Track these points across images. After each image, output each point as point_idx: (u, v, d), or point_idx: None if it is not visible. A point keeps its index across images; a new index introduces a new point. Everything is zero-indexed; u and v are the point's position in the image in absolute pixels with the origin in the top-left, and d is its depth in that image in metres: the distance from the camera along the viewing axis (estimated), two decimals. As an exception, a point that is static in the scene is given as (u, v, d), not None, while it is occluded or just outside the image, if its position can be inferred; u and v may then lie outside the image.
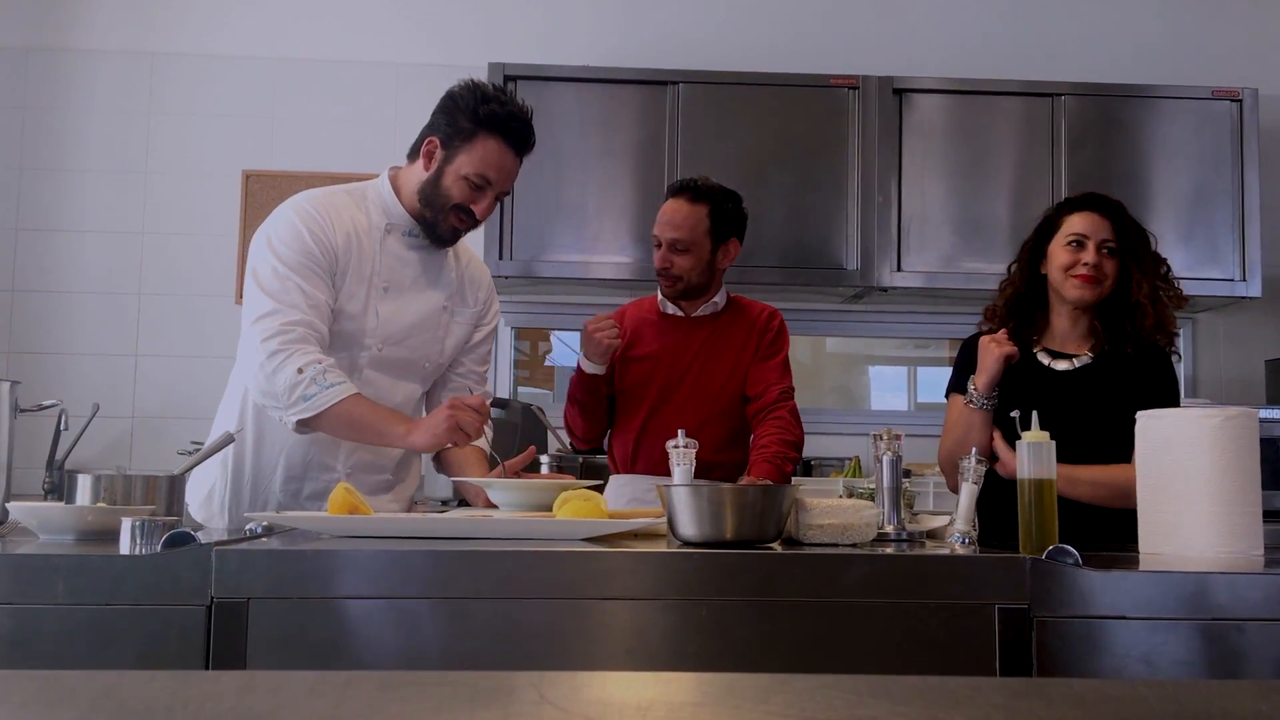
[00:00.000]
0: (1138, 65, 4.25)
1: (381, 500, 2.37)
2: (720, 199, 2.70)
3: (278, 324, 2.15)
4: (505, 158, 2.27)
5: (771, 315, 2.76)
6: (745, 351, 2.70)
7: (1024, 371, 2.43)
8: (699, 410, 2.66)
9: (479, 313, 2.48)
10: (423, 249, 2.37)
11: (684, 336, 2.73)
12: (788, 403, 2.66)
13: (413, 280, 2.35)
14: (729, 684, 0.81)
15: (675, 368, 2.70)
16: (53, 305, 4.09)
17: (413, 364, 2.37)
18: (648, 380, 2.71)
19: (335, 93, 4.22)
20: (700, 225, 2.66)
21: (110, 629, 1.47)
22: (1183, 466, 1.83)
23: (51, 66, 4.16)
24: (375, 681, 0.78)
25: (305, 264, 2.21)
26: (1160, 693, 0.82)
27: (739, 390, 2.69)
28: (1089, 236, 2.41)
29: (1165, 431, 1.87)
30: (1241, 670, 1.54)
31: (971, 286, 3.82)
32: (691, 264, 2.67)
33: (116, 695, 0.75)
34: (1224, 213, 3.94)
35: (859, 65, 4.06)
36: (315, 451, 2.30)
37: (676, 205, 2.69)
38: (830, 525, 1.72)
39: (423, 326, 2.36)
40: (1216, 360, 4.28)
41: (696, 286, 2.71)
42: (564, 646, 1.54)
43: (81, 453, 3.74)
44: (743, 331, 2.72)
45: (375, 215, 2.33)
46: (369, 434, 2.22)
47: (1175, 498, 1.83)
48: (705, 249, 2.68)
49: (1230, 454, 1.81)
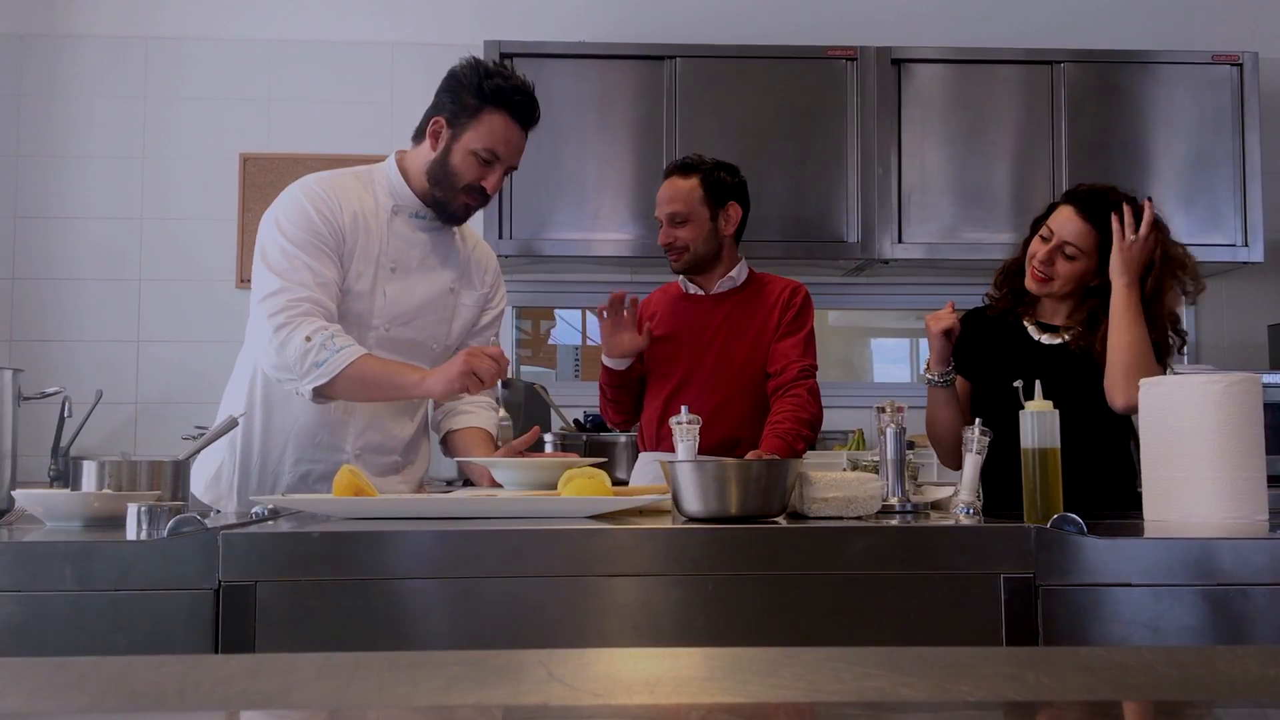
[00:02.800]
0: (1137, 31, 4.22)
1: (390, 481, 2.38)
2: (710, 168, 2.74)
3: (284, 300, 2.17)
4: (512, 131, 2.28)
5: (795, 290, 2.76)
6: (767, 328, 2.70)
7: (1012, 344, 2.44)
8: (722, 387, 2.66)
9: (485, 295, 2.49)
10: (430, 230, 2.37)
11: (705, 314, 2.74)
12: (807, 380, 2.64)
13: (420, 261, 2.35)
14: (736, 658, 0.81)
15: (697, 346, 2.71)
16: (54, 292, 4.09)
17: (420, 345, 2.37)
18: (671, 359, 2.73)
19: (331, 74, 4.19)
20: (694, 194, 2.69)
21: (118, 615, 1.48)
22: (1187, 433, 1.83)
23: (46, 52, 4.14)
24: (384, 662, 0.78)
25: (312, 242, 2.22)
26: (1166, 659, 0.82)
27: (761, 367, 2.68)
28: (1053, 234, 2.39)
29: (1169, 398, 1.87)
30: (1247, 635, 1.54)
31: (973, 257, 3.81)
32: (693, 233, 2.69)
33: (127, 681, 0.75)
34: (1225, 178, 3.92)
35: (856, 36, 4.04)
36: (324, 433, 2.31)
37: (669, 183, 2.74)
38: (835, 498, 1.72)
39: (430, 308, 2.37)
40: (1219, 326, 4.28)
41: (705, 256, 2.72)
42: (571, 624, 1.54)
43: (86, 440, 3.74)
44: (764, 308, 2.72)
45: (382, 197, 2.34)
46: (385, 388, 2.22)
47: (1179, 464, 1.83)
48: (704, 217, 2.70)
49: (1234, 420, 1.81)
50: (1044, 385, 2.24)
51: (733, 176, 2.76)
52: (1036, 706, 0.71)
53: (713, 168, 2.74)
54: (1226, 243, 3.91)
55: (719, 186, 2.73)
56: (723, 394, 2.65)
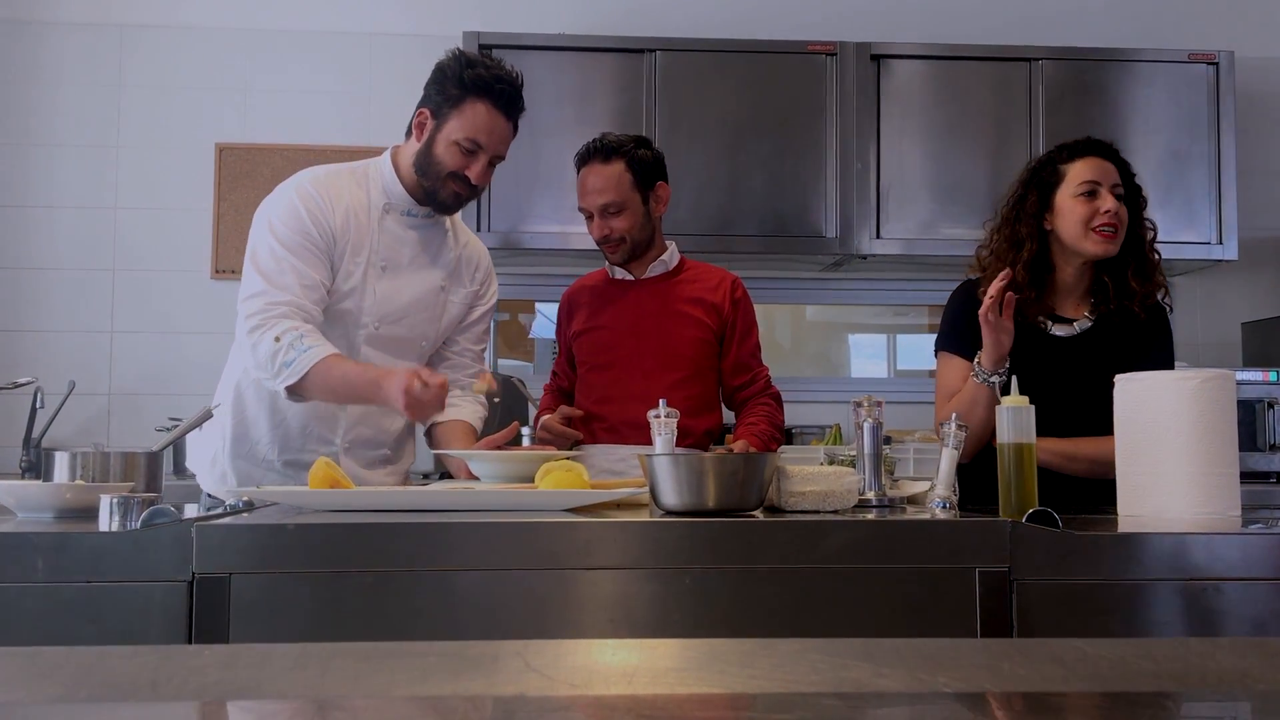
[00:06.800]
0: (1114, 29, 4.25)
1: (378, 474, 2.40)
2: (631, 149, 2.61)
3: (263, 303, 2.19)
4: (494, 120, 2.28)
5: (735, 284, 2.69)
6: (710, 316, 2.64)
7: (1023, 337, 2.25)
8: (668, 372, 2.60)
9: (476, 292, 2.50)
10: (421, 228, 2.38)
11: (636, 300, 2.67)
12: (772, 389, 2.67)
13: (411, 259, 2.36)
14: (713, 650, 0.81)
15: (635, 332, 2.64)
16: (26, 282, 4.04)
17: (409, 342, 2.38)
18: (608, 348, 2.65)
19: (309, 64, 4.17)
20: (624, 181, 2.59)
21: (91, 606, 1.47)
22: (1161, 429, 1.84)
23: (16, 38, 4.09)
24: (359, 653, 0.77)
25: (303, 244, 2.24)
26: (1139, 651, 0.82)
27: (708, 357, 2.64)
28: (1101, 183, 2.26)
29: (1143, 394, 1.88)
30: (1219, 630, 1.56)
31: (950, 253, 3.83)
32: (629, 222, 2.60)
33: (99, 671, 0.74)
34: (1200, 176, 3.95)
35: (836, 32, 4.05)
36: (314, 425, 2.33)
37: (592, 170, 2.61)
38: (812, 492, 1.72)
39: (419, 305, 2.37)
40: (1193, 323, 4.31)
41: (641, 243, 2.65)
42: (547, 617, 1.54)
43: (58, 430, 3.71)
44: (704, 295, 2.66)
45: (375, 194, 2.35)
46: (348, 390, 2.21)
47: (1153, 460, 1.85)
48: (637, 203, 2.61)
49: (1208, 416, 1.82)
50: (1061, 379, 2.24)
51: (653, 152, 2.66)
52: (1012, 697, 0.71)
53: (633, 146, 2.62)
54: (1201, 240, 3.94)
55: (644, 167, 2.61)
56: (670, 378, 2.58)
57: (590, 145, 2.64)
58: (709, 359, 2.65)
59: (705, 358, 2.65)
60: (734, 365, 2.66)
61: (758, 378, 2.67)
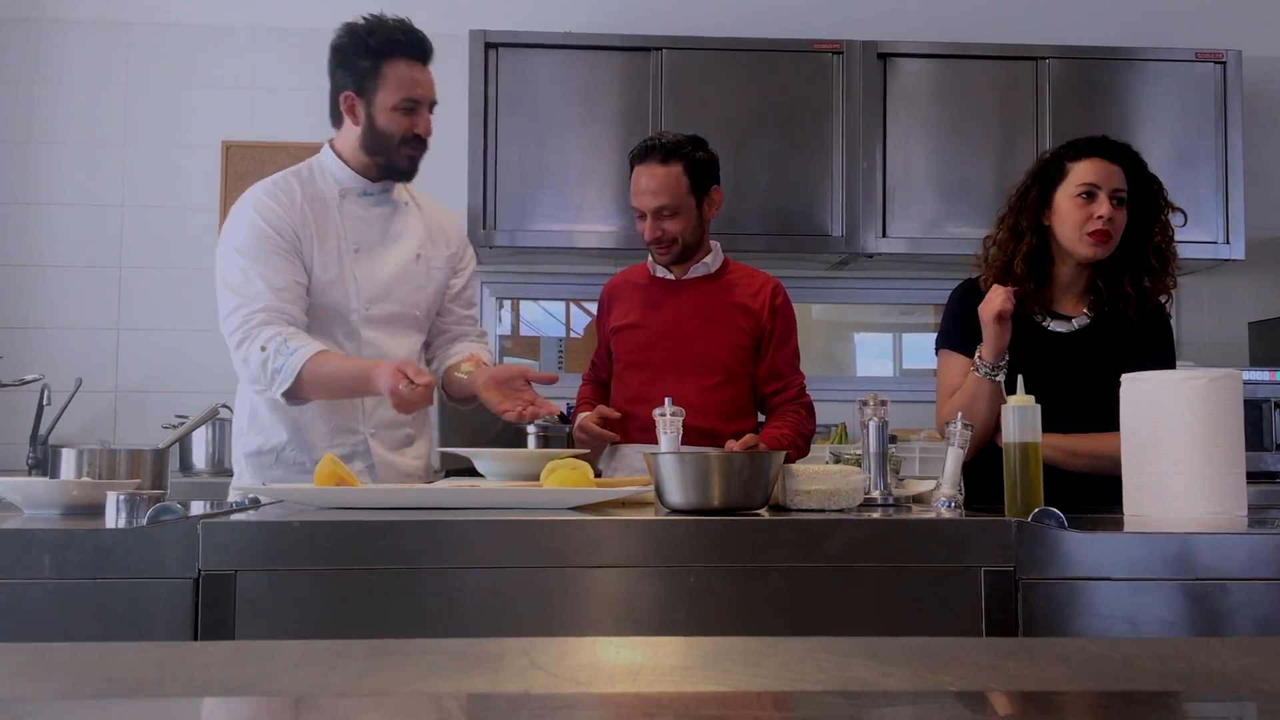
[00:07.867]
0: (1121, 28, 4.24)
1: (405, 456, 2.43)
2: (690, 151, 2.58)
3: (240, 317, 2.21)
4: (416, 71, 2.31)
5: (776, 289, 2.67)
6: (751, 322, 2.61)
7: (1020, 333, 2.26)
8: (704, 376, 2.58)
9: (454, 255, 2.52)
10: (382, 205, 2.41)
11: (677, 301, 2.65)
12: (805, 397, 2.64)
13: (381, 237, 2.39)
14: (718, 648, 0.81)
15: (674, 333, 2.62)
16: (32, 280, 4.05)
17: (404, 316, 2.41)
18: (647, 348, 2.63)
19: (315, 61, 4.13)
20: (681, 185, 2.56)
21: (98, 603, 1.47)
22: (1167, 429, 1.84)
23: (24, 37, 4.09)
24: (364, 650, 0.78)
25: (264, 249, 2.25)
26: (1144, 651, 0.82)
27: (744, 363, 2.61)
28: (1100, 186, 2.25)
29: (1150, 394, 1.88)
30: (1225, 630, 1.55)
31: (956, 252, 3.82)
32: (682, 225, 2.58)
33: (105, 667, 0.75)
34: (1207, 175, 3.94)
35: (843, 30, 4.04)
36: (337, 416, 2.34)
37: (650, 170, 2.57)
38: (817, 491, 1.72)
39: (402, 278, 2.40)
40: (1200, 323, 4.30)
41: (691, 246, 2.63)
42: (552, 615, 1.54)
43: (65, 428, 3.72)
44: (745, 300, 2.64)
45: (326, 185, 2.37)
46: (345, 381, 2.22)
47: (1160, 459, 1.84)
48: (691, 206, 2.58)
49: (1214, 416, 1.82)
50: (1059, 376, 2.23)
51: (710, 154, 2.63)
52: (1017, 697, 0.71)
53: (692, 149, 2.59)
54: (1208, 240, 3.93)
55: (702, 171, 2.59)
56: (705, 382, 2.57)
57: (648, 144, 2.60)
58: (745, 365, 2.63)
59: (741, 363, 2.62)
60: (768, 372, 2.63)
61: (790, 385, 2.63)
